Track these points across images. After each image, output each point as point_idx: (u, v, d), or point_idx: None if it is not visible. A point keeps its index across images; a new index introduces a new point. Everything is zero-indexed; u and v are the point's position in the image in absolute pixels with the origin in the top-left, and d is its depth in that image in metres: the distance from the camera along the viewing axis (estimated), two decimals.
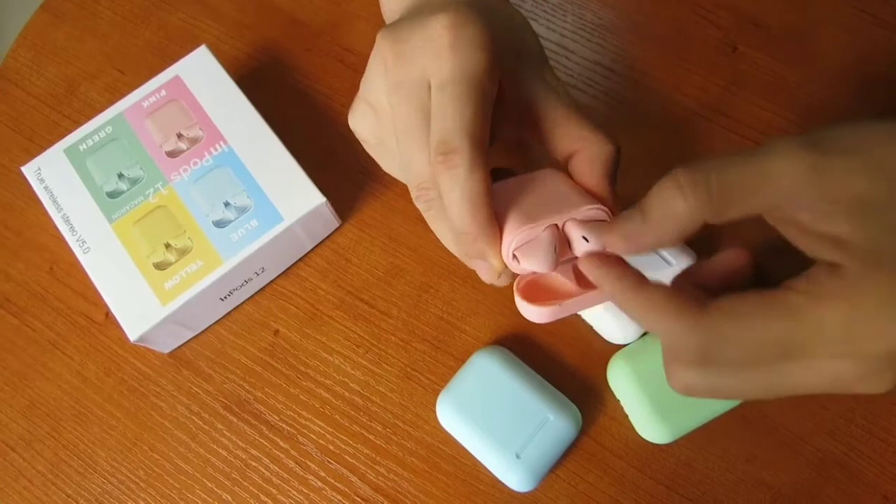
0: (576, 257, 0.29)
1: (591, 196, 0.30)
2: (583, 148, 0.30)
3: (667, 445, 0.40)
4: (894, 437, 0.40)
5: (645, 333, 0.41)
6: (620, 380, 0.40)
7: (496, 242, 0.29)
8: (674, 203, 0.24)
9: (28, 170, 0.43)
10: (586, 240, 0.28)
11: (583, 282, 0.30)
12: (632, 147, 0.46)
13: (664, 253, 0.41)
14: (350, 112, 0.33)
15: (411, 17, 0.30)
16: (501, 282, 0.31)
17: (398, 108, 0.29)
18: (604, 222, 0.28)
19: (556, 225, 0.29)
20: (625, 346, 0.41)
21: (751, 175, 0.23)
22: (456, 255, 0.31)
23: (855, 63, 0.46)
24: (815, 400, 0.40)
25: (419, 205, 0.30)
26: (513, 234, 0.28)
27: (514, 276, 0.30)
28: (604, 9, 0.49)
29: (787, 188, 0.23)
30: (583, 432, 0.41)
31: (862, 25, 0.47)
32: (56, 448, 0.43)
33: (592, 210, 0.29)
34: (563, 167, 0.31)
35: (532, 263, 0.29)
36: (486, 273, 0.30)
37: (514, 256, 0.29)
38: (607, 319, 0.41)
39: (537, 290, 0.30)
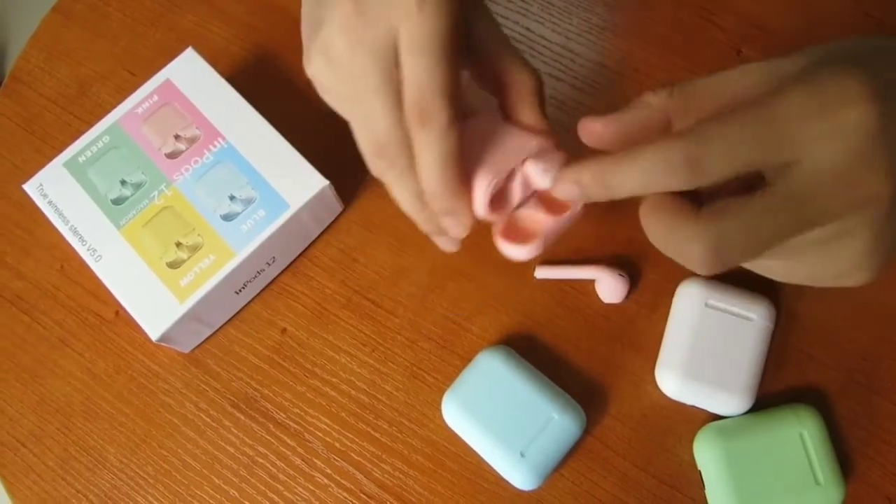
0: (535, 192, 0.32)
1: (531, 129, 0.32)
2: (514, 81, 0.32)
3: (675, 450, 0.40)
4: None
5: (747, 412, 0.40)
6: (709, 454, 0.39)
7: (467, 199, 0.31)
8: (645, 98, 0.29)
9: (30, 187, 0.43)
10: (546, 171, 0.31)
11: (551, 209, 0.32)
12: None
13: (742, 311, 0.40)
14: (305, 60, 0.32)
15: None
16: (455, 246, 0.33)
17: (362, 67, 0.29)
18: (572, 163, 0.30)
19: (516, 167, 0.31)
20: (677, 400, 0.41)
21: (706, 84, 0.28)
22: (415, 218, 0.32)
23: None
24: (820, 402, 0.41)
25: (379, 164, 0.30)
26: (484, 188, 0.30)
27: (459, 242, 0.33)
28: (609, 12, 0.50)
29: (740, 88, 0.27)
30: (587, 432, 0.41)
31: (866, 29, 0.48)
32: (66, 444, 0.43)
33: (543, 144, 0.31)
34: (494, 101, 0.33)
35: (506, 210, 0.32)
36: (455, 229, 0.31)
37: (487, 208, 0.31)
38: (668, 375, 0.40)
39: (514, 233, 0.32)
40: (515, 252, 0.32)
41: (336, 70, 0.31)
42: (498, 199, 0.32)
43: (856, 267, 0.27)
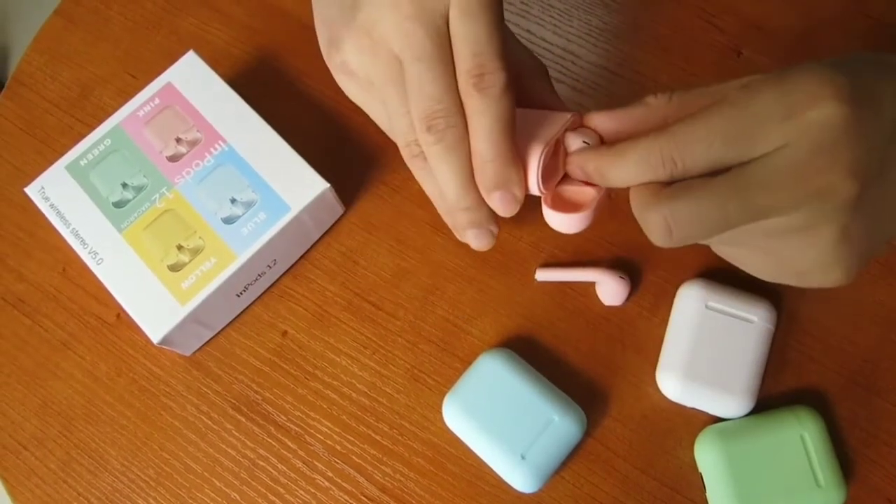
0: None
1: (555, 108, 0.33)
2: (527, 67, 0.34)
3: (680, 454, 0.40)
4: None
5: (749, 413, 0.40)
6: (710, 456, 0.39)
7: (521, 169, 0.30)
8: (646, 98, 0.30)
9: (32, 190, 0.44)
10: (587, 143, 0.31)
11: (588, 182, 0.32)
12: None
13: (743, 313, 0.40)
14: (332, 48, 0.32)
15: None
16: (490, 240, 0.33)
17: (414, 36, 0.29)
18: (597, 146, 0.31)
19: (558, 140, 0.31)
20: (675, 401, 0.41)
21: (702, 93, 0.29)
22: (458, 203, 0.31)
23: None
24: (820, 404, 0.41)
25: (427, 139, 0.30)
26: (537, 157, 0.30)
27: (495, 237, 0.33)
28: (610, 14, 0.50)
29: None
30: (587, 434, 0.41)
31: (866, 29, 0.48)
32: (68, 447, 0.43)
33: (576, 116, 0.32)
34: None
35: (552, 183, 0.32)
36: (505, 205, 0.31)
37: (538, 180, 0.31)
38: (669, 377, 0.40)
39: (561, 207, 0.32)
40: (568, 220, 0.32)
41: (377, 51, 0.31)
42: (544, 173, 0.31)
43: (826, 265, 0.28)
